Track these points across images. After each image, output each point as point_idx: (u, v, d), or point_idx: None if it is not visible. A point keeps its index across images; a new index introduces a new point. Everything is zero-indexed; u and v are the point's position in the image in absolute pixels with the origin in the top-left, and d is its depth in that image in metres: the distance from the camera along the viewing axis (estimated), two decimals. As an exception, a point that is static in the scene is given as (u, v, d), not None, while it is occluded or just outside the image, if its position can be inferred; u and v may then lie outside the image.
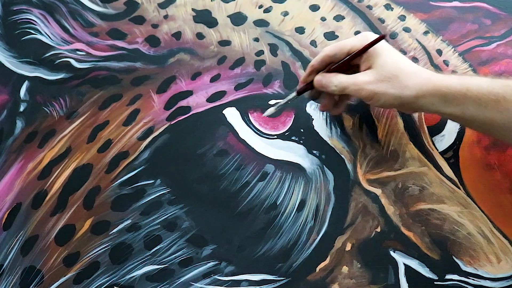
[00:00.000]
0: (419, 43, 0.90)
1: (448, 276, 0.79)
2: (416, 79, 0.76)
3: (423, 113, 0.86)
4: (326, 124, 0.85)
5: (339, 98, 0.83)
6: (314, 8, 0.92)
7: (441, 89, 0.75)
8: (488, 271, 0.80)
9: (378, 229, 0.81)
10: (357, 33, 0.90)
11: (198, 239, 0.79)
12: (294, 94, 0.82)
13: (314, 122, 0.85)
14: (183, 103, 0.84)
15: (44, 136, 0.82)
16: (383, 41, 0.78)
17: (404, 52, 0.89)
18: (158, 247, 0.78)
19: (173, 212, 0.80)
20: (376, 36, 0.78)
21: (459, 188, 0.83)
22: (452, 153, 0.86)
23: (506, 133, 0.75)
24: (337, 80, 0.78)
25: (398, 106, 0.79)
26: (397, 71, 0.76)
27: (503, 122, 0.73)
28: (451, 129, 0.87)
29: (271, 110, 0.82)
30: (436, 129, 0.86)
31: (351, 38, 0.80)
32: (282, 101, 0.82)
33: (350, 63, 0.80)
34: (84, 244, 0.78)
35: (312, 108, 0.85)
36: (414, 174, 0.83)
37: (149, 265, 0.78)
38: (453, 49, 0.91)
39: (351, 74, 0.79)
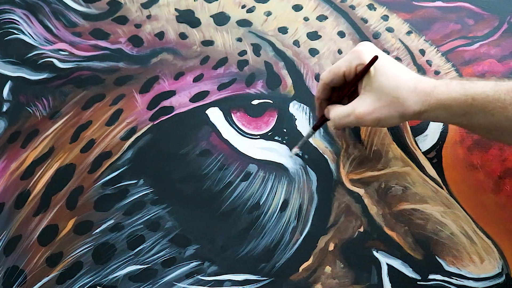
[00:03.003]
0: (402, 43, 0.90)
1: (431, 276, 0.79)
2: (417, 96, 0.73)
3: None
4: (309, 124, 0.85)
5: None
6: (297, 8, 0.92)
7: (445, 102, 0.73)
8: (471, 271, 0.80)
9: (361, 229, 0.81)
10: (340, 33, 0.90)
11: (181, 239, 0.79)
12: (311, 129, 0.82)
13: (297, 122, 0.85)
14: (166, 103, 0.84)
15: (27, 136, 0.82)
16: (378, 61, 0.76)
17: (387, 52, 0.89)
18: (141, 247, 0.79)
19: (156, 212, 0.80)
20: (368, 54, 0.75)
21: (442, 188, 0.83)
22: (435, 153, 0.85)
23: None
24: (334, 118, 0.77)
25: (403, 121, 0.79)
26: (396, 92, 0.73)
27: (511, 128, 0.72)
28: (434, 129, 0.87)
29: (295, 150, 0.83)
30: (419, 129, 0.86)
31: (343, 60, 0.77)
32: (302, 140, 0.82)
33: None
34: (67, 244, 0.78)
35: (295, 108, 0.85)
36: (397, 174, 0.83)
37: (132, 265, 0.78)
38: (436, 49, 0.91)
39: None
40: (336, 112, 0.77)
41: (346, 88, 0.77)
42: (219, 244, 0.79)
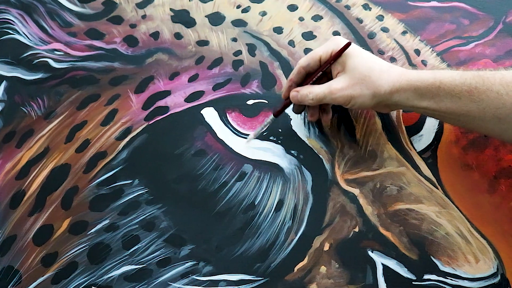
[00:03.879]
0: (397, 43, 0.90)
1: (426, 276, 0.79)
2: (388, 77, 0.77)
3: (401, 113, 0.87)
4: (304, 124, 0.85)
5: (322, 106, 0.84)
6: (292, 8, 0.92)
7: (415, 83, 0.76)
8: (466, 271, 0.79)
9: (356, 229, 0.81)
10: (335, 33, 0.91)
11: (176, 239, 0.79)
12: (271, 117, 0.82)
13: (292, 122, 0.85)
14: (161, 103, 0.84)
15: (22, 136, 0.82)
16: (353, 44, 0.79)
17: (382, 52, 0.89)
18: (136, 247, 0.78)
19: (151, 212, 0.80)
20: (345, 41, 0.79)
21: (437, 188, 0.83)
22: (430, 153, 0.86)
23: (483, 123, 0.76)
24: (311, 93, 0.79)
25: (375, 105, 0.79)
26: (368, 71, 0.77)
27: (478, 112, 0.74)
28: (429, 129, 0.87)
29: (251, 137, 0.83)
30: (414, 129, 0.87)
31: (321, 46, 0.81)
32: (260, 127, 0.83)
33: (325, 71, 0.81)
34: (62, 244, 0.78)
35: (290, 108, 0.85)
36: (392, 174, 0.83)
37: (127, 265, 0.78)
38: (431, 49, 0.91)
39: (327, 81, 0.80)
40: (309, 88, 0.80)
41: (318, 70, 0.80)
42: (214, 244, 0.79)
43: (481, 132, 0.84)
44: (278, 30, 0.90)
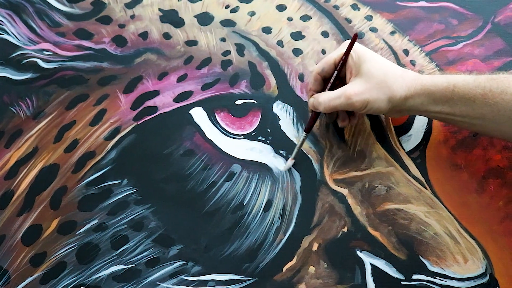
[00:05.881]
0: (386, 43, 0.90)
1: (415, 276, 0.79)
2: (403, 81, 0.77)
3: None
4: (293, 124, 0.85)
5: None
6: (281, 8, 0.92)
7: (429, 88, 0.77)
8: (455, 271, 0.79)
9: (345, 229, 0.81)
10: (324, 33, 0.90)
11: (165, 239, 0.79)
12: (304, 133, 0.82)
13: (281, 122, 0.85)
14: (149, 103, 0.84)
15: (10, 136, 0.82)
16: (365, 48, 0.80)
17: (371, 52, 0.89)
18: (125, 247, 0.78)
19: (139, 212, 0.80)
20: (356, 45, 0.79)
21: (426, 188, 0.84)
22: (419, 153, 0.86)
23: (497, 126, 0.76)
24: (324, 101, 0.79)
25: (389, 110, 0.79)
26: (384, 76, 0.77)
27: (493, 115, 0.75)
28: (418, 129, 0.87)
29: (289, 163, 0.83)
30: (403, 129, 0.87)
31: (334, 51, 0.82)
32: (297, 146, 0.82)
33: (340, 75, 0.81)
34: (51, 244, 0.78)
35: (279, 108, 0.85)
36: (381, 174, 0.83)
37: (115, 265, 0.78)
38: (420, 49, 0.91)
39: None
40: (326, 94, 0.79)
41: (332, 77, 0.81)
42: (202, 244, 0.79)
43: (496, 136, 0.83)
44: (267, 30, 0.90)
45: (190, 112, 0.84)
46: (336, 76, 0.80)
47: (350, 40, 0.79)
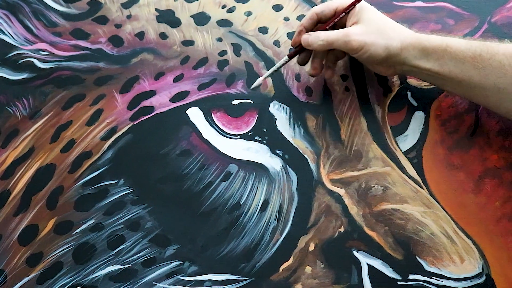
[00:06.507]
0: (383, 43, 0.90)
1: (411, 276, 0.79)
2: (401, 32, 0.81)
3: (386, 113, 0.87)
4: (290, 124, 0.85)
5: (328, 59, 0.86)
6: (278, 8, 0.92)
7: (423, 42, 0.80)
8: (451, 271, 0.80)
9: (342, 229, 0.81)
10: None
11: (161, 239, 0.79)
12: (285, 58, 0.84)
13: (277, 122, 0.85)
14: (146, 103, 0.84)
15: (7, 136, 0.82)
16: (367, 4, 0.83)
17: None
18: (121, 247, 0.78)
19: (136, 212, 0.80)
20: None
21: (422, 188, 0.84)
22: (415, 153, 0.86)
23: (482, 91, 0.79)
24: (323, 35, 0.81)
25: (384, 58, 0.80)
26: (383, 24, 0.81)
27: (479, 79, 0.78)
28: (414, 129, 0.87)
29: (260, 80, 0.84)
30: (400, 129, 0.87)
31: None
32: (274, 67, 0.84)
33: (337, 23, 0.83)
34: (47, 244, 0.78)
35: (275, 108, 0.85)
36: (377, 174, 0.83)
37: (112, 265, 0.78)
38: (416, 49, 0.91)
39: None
40: (324, 32, 0.81)
41: (333, 17, 0.82)
42: (199, 244, 0.79)
43: (479, 102, 0.84)
44: (263, 30, 0.90)
45: (186, 112, 0.84)
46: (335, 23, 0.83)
47: None
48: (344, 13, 0.82)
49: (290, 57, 0.84)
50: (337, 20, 0.82)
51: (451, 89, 0.84)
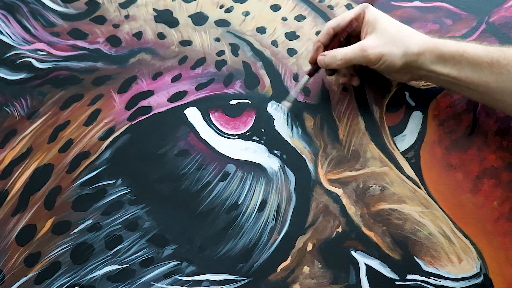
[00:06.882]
0: (380, 43, 0.90)
1: (409, 276, 0.79)
2: (417, 38, 0.81)
3: (384, 113, 0.87)
4: (287, 124, 0.85)
5: (349, 68, 0.86)
6: (275, 8, 0.92)
7: (440, 47, 0.80)
8: (449, 271, 0.79)
9: (339, 229, 0.81)
10: (318, 33, 0.90)
11: (159, 239, 0.79)
12: (306, 77, 0.84)
13: (275, 122, 0.85)
14: (144, 103, 0.84)
15: (5, 136, 0.82)
16: (380, 11, 0.83)
17: (365, 52, 0.89)
18: (119, 247, 0.78)
19: (134, 212, 0.80)
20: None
21: (420, 188, 0.83)
22: (413, 153, 0.86)
23: (500, 97, 0.79)
24: (340, 54, 0.81)
25: (401, 66, 0.80)
26: (398, 32, 0.81)
27: (497, 85, 0.77)
28: (412, 129, 0.87)
29: (291, 97, 0.85)
30: (397, 129, 0.87)
31: (350, 11, 0.84)
32: (298, 87, 0.84)
33: (352, 34, 0.83)
34: (45, 244, 0.78)
35: (273, 108, 0.85)
36: (375, 174, 0.83)
37: (110, 265, 0.78)
38: (414, 49, 0.91)
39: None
40: (342, 49, 0.81)
41: (345, 27, 0.83)
42: (197, 244, 0.79)
43: (496, 107, 0.85)
44: (261, 30, 0.90)
45: (184, 112, 0.84)
46: (348, 35, 0.83)
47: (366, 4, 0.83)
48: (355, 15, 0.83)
49: (310, 75, 0.84)
50: (347, 33, 0.83)
51: (468, 94, 0.84)
